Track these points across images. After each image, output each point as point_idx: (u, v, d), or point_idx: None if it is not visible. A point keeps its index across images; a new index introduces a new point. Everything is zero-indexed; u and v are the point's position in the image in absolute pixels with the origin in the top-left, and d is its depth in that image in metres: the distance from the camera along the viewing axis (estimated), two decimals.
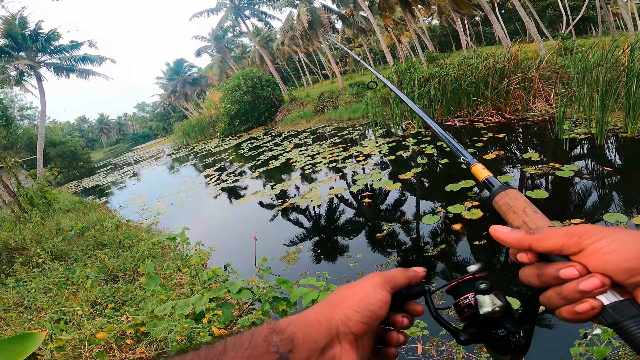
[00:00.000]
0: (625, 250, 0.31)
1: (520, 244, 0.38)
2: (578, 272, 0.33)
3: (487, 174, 0.55)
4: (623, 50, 7.03)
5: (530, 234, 0.37)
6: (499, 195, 0.48)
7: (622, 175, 4.70)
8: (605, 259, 0.32)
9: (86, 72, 21.55)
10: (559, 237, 0.35)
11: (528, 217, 0.43)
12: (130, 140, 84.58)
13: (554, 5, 37.38)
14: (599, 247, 0.32)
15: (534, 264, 0.38)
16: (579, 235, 0.34)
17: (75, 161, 28.42)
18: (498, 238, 0.40)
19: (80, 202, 10.04)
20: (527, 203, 0.45)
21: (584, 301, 0.33)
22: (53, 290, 2.42)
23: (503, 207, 0.47)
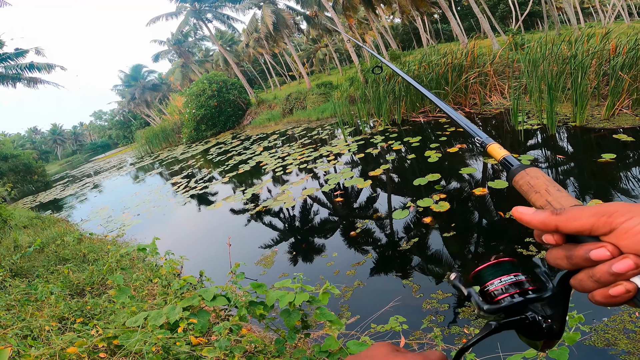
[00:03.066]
0: None
1: (546, 225, 0.36)
2: (610, 253, 0.31)
3: (504, 153, 0.52)
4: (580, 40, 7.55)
5: (556, 215, 0.35)
6: (519, 174, 0.46)
7: (574, 162, 5.06)
8: (638, 239, 0.30)
9: (34, 81, 20.19)
10: (587, 217, 0.33)
11: (551, 196, 0.41)
12: (88, 150, 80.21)
13: (504, 1, 39.54)
14: (630, 225, 0.30)
15: (561, 246, 0.36)
16: (609, 215, 0.32)
17: (30, 175, 26.51)
18: (522, 220, 0.37)
19: (37, 217, 9.42)
20: (549, 181, 0.43)
21: (618, 284, 0.31)
22: (16, 307, 2.27)
23: (524, 186, 0.45)
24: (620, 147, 4.89)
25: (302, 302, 1.33)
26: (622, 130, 5.49)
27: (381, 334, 2.25)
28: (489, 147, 0.55)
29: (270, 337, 2.39)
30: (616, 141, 5.14)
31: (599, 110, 6.51)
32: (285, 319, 1.37)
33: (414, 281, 3.17)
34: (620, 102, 6.14)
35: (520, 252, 3.15)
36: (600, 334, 2.18)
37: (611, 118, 6.08)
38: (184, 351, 1.24)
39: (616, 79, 6.03)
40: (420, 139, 7.78)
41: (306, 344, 2.10)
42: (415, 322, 2.54)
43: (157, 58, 36.38)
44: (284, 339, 1.44)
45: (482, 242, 3.68)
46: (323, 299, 1.37)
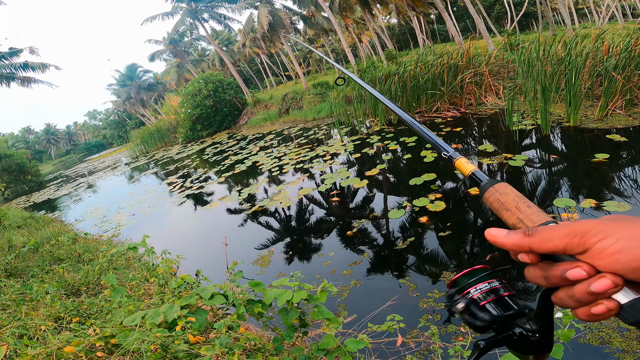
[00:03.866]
0: (634, 249, 0.29)
1: (520, 247, 0.35)
2: (586, 273, 0.31)
3: (472, 168, 0.51)
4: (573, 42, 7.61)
5: (528, 236, 0.35)
6: (489, 191, 0.45)
7: (568, 162, 5.11)
8: (613, 259, 0.30)
9: (28, 80, 20.04)
10: (560, 237, 0.33)
11: (522, 213, 0.40)
12: (82, 150, 79.54)
13: (500, 2, 39.83)
14: (604, 246, 0.30)
15: (538, 265, 0.35)
16: (582, 235, 0.31)
17: (23, 175, 26.25)
18: (495, 242, 0.37)
19: (31, 217, 9.32)
20: (519, 197, 0.42)
21: (599, 303, 0.31)
22: (11, 307, 2.25)
23: (494, 204, 0.44)
24: (613, 147, 4.95)
25: (300, 300, 1.34)
26: (615, 130, 5.55)
27: (378, 333, 2.26)
28: (457, 162, 0.55)
29: (268, 335, 2.40)
30: (609, 141, 5.19)
31: (592, 111, 6.58)
32: (283, 317, 1.37)
33: (410, 280, 3.19)
34: (613, 103, 6.20)
35: None
36: (595, 332, 2.20)
37: (604, 118, 6.15)
38: (183, 350, 1.24)
39: (609, 80, 6.10)
40: (416, 139, 7.81)
41: (304, 343, 2.10)
42: (412, 321, 2.55)
43: (152, 58, 36.15)
44: (281, 337, 1.44)
45: (478, 241, 3.70)
46: (321, 297, 1.38)
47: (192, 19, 27.32)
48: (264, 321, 1.49)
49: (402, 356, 2.23)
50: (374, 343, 2.13)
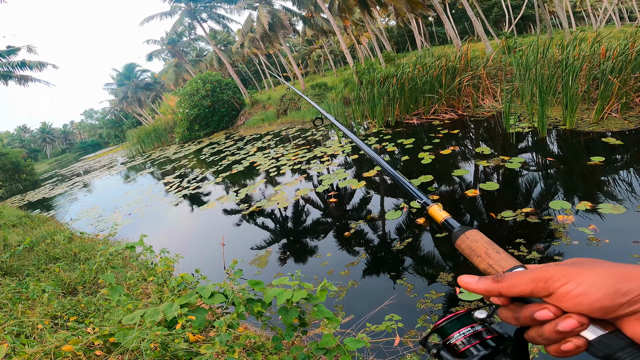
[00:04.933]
0: (595, 291, 0.32)
1: (490, 292, 0.38)
2: (553, 314, 0.34)
3: (445, 215, 0.54)
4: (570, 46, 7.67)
5: (497, 282, 0.37)
6: (460, 238, 0.48)
7: (564, 165, 5.15)
8: (576, 302, 0.32)
9: (25, 79, 19.94)
10: (526, 283, 0.35)
11: (492, 259, 0.43)
12: (78, 149, 79.08)
13: (498, 4, 40.09)
14: (567, 290, 0.33)
15: (508, 306, 0.38)
16: (546, 280, 0.34)
17: (18, 174, 26.08)
18: (467, 289, 0.40)
19: (26, 216, 9.24)
20: (488, 244, 0.45)
21: (568, 341, 0.33)
22: (8, 306, 2.23)
23: (466, 250, 0.47)
24: (609, 150, 4.99)
25: (299, 299, 1.34)
26: (610, 133, 5.60)
27: (376, 333, 2.26)
28: (430, 209, 0.57)
29: (266, 335, 2.39)
30: (605, 144, 5.24)
31: (588, 114, 6.63)
32: (283, 316, 1.37)
33: (407, 281, 3.19)
34: (609, 106, 6.26)
35: (512, 252, 3.19)
36: None
37: (600, 121, 6.20)
38: (182, 348, 1.23)
39: (605, 83, 6.15)
40: (413, 141, 7.83)
41: (302, 342, 2.10)
42: (410, 321, 2.56)
43: (150, 57, 36.06)
44: (281, 337, 1.44)
45: None
46: (321, 296, 1.38)
47: (190, 19, 27.28)
48: (263, 320, 1.48)
49: (401, 355, 2.23)
50: (372, 343, 2.13)
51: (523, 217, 3.72)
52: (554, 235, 3.32)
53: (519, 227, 3.59)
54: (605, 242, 3.07)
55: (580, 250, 3.05)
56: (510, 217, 3.80)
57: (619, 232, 3.20)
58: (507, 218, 3.79)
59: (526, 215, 3.75)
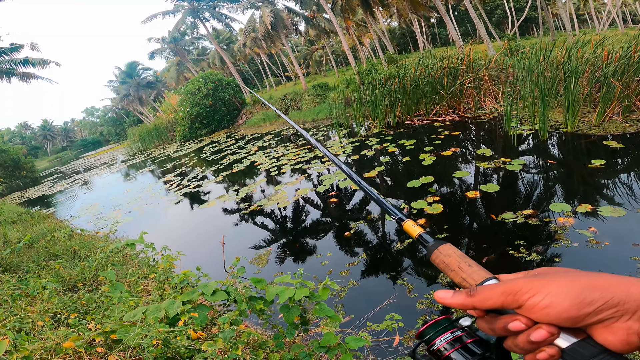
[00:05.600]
0: (561, 302, 0.33)
1: (464, 306, 0.40)
2: (524, 325, 0.35)
3: (419, 231, 0.55)
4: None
5: (471, 296, 0.39)
6: (434, 253, 0.49)
7: (564, 167, 5.15)
8: (544, 312, 0.34)
9: (27, 76, 20.00)
10: (497, 296, 0.37)
11: (465, 272, 0.45)
12: (78, 147, 79.12)
13: (501, 6, 40.10)
14: (535, 302, 0.34)
15: (484, 318, 0.40)
16: (514, 293, 0.36)
17: (18, 170, 26.07)
18: (443, 303, 0.42)
19: (27, 212, 9.24)
20: (460, 258, 0.46)
21: (541, 350, 0.34)
22: (8, 302, 2.23)
23: (440, 264, 0.48)
24: (610, 153, 4.99)
25: (302, 297, 1.33)
26: (611, 136, 5.60)
27: (376, 333, 2.26)
28: (405, 225, 0.58)
29: (267, 333, 2.39)
30: (606, 147, 5.23)
31: (590, 117, 6.63)
32: (285, 314, 1.37)
33: (408, 281, 3.19)
34: (611, 109, 6.25)
35: (512, 253, 3.19)
36: None
37: (602, 124, 6.19)
38: (184, 345, 1.23)
39: (607, 86, 6.14)
40: (414, 142, 7.84)
41: (303, 341, 2.10)
42: (410, 321, 2.56)
43: (152, 56, 36.08)
44: (282, 335, 1.44)
45: (475, 243, 3.72)
46: (323, 295, 1.38)
47: (193, 17, 27.32)
48: (265, 318, 1.48)
49: (401, 355, 2.23)
50: (372, 342, 2.13)
51: (523, 219, 3.72)
52: (553, 237, 3.32)
53: (519, 229, 3.59)
54: (605, 244, 3.07)
55: (580, 252, 3.05)
56: (510, 218, 3.80)
57: (619, 234, 3.20)
58: (507, 220, 3.79)
59: (526, 217, 3.75)
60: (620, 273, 1.69)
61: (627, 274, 2.69)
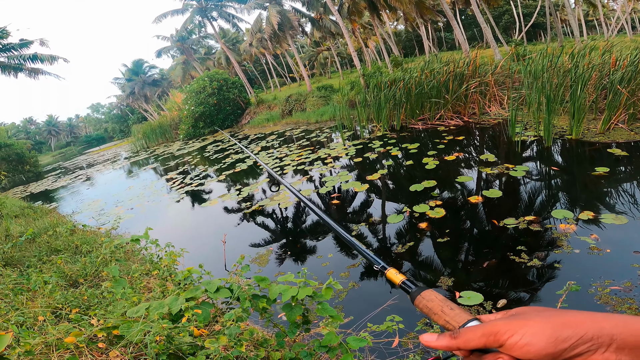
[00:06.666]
0: (537, 341, 0.36)
1: (450, 348, 0.42)
2: None
3: (402, 278, 0.58)
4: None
5: (454, 338, 0.42)
6: (417, 299, 0.52)
7: (568, 174, 5.13)
8: (524, 351, 0.36)
9: (35, 72, 20.17)
10: (478, 337, 0.40)
11: (447, 315, 0.47)
12: (82, 143, 79.58)
13: (509, 12, 40.03)
14: (514, 342, 0.37)
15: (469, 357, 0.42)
16: (494, 334, 0.38)
17: (22, 165, 26.27)
18: (429, 346, 0.44)
19: (29, 207, 9.29)
20: (442, 302, 0.49)
21: None
22: (9, 296, 2.24)
23: (424, 309, 0.51)
24: (614, 161, 4.96)
25: (304, 296, 1.34)
26: (616, 144, 5.57)
27: (376, 334, 2.26)
28: (388, 273, 0.61)
29: (268, 332, 2.39)
30: (610, 155, 5.21)
31: (595, 124, 6.60)
32: (287, 313, 1.37)
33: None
34: (616, 117, 6.23)
35: (513, 259, 3.18)
36: None
37: (607, 132, 6.17)
38: (187, 342, 1.23)
39: (614, 93, 6.12)
40: (418, 146, 7.83)
41: (304, 340, 2.10)
42: (410, 323, 2.55)
43: (159, 54, 36.34)
44: (284, 334, 1.44)
45: (476, 248, 3.71)
46: (326, 294, 1.38)
47: (201, 16, 27.52)
48: (266, 317, 1.49)
49: (400, 356, 2.23)
50: (372, 343, 2.13)
51: (525, 225, 3.71)
52: (555, 244, 3.31)
53: (520, 235, 3.58)
54: (606, 251, 3.05)
55: (581, 259, 3.04)
56: (512, 224, 3.79)
57: (620, 242, 3.19)
58: (509, 225, 3.78)
59: (528, 223, 3.73)
60: (620, 280, 1.70)
61: (627, 280, 2.66)
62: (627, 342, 0.34)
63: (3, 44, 18.82)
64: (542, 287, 2.87)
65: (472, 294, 2.84)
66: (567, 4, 18.28)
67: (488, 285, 3.01)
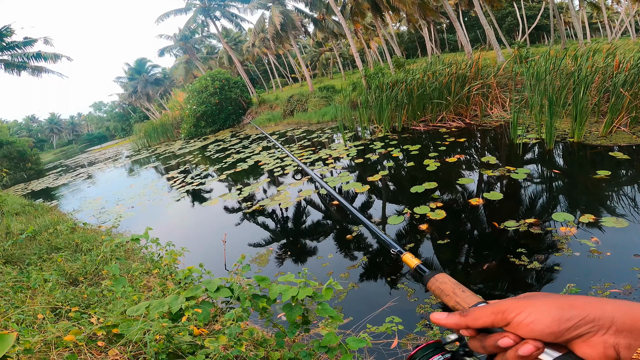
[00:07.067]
0: (543, 319, 0.37)
1: (459, 325, 0.43)
2: (513, 341, 0.39)
3: (417, 262, 0.60)
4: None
5: (464, 316, 0.43)
6: (430, 281, 0.53)
7: (569, 177, 5.12)
8: (529, 329, 0.38)
9: (39, 70, 20.22)
10: (487, 315, 0.41)
11: (459, 297, 0.49)
12: (84, 141, 79.76)
13: (512, 14, 39.97)
14: (520, 319, 0.38)
15: (476, 337, 0.43)
16: (502, 312, 0.40)
17: (23, 162, 26.34)
18: (439, 324, 0.45)
19: (30, 204, 9.32)
20: (455, 284, 0.51)
21: None
22: (9, 294, 2.24)
23: (436, 291, 0.52)
24: (615, 165, 4.95)
25: (305, 297, 1.34)
26: (617, 147, 5.56)
27: (375, 335, 2.26)
28: (404, 257, 0.63)
29: (267, 332, 2.39)
30: (612, 158, 5.20)
31: (597, 127, 6.59)
32: (287, 313, 1.37)
33: (408, 285, 3.19)
34: (618, 120, 6.21)
35: (513, 261, 3.18)
36: None
37: (608, 135, 6.16)
38: (187, 341, 1.23)
39: (617, 96, 6.10)
40: (419, 148, 7.82)
41: (303, 341, 2.10)
42: (410, 325, 2.55)
43: (162, 53, 36.40)
44: (283, 334, 1.44)
45: (476, 250, 3.70)
46: (326, 295, 1.38)
47: (204, 16, 27.59)
48: (266, 317, 1.49)
49: (400, 357, 2.22)
50: (372, 344, 2.14)
51: (526, 228, 3.70)
52: (555, 247, 3.31)
53: (521, 237, 3.58)
54: (606, 254, 3.05)
55: (581, 261, 3.03)
56: (513, 227, 3.78)
57: (620, 245, 3.18)
58: (509, 228, 3.78)
59: (529, 225, 3.73)
60: (620, 283, 1.70)
61: (627, 283, 2.66)
62: (625, 325, 0.35)
63: (7, 42, 18.90)
64: (542, 289, 2.86)
65: None
66: (571, 6, 18.24)
67: (487, 287, 3.01)
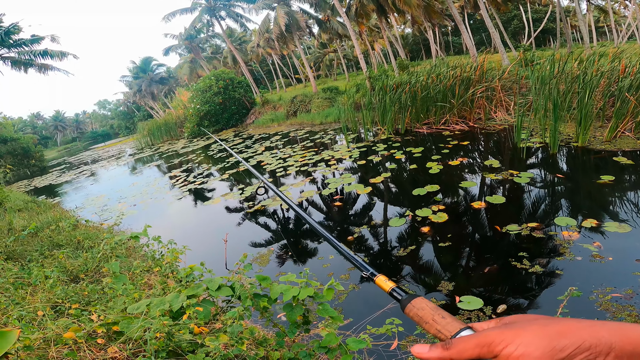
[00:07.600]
0: (532, 351, 0.35)
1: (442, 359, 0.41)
2: None
3: (391, 285, 0.57)
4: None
5: (447, 349, 0.40)
6: (407, 307, 0.51)
7: (572, 182, 5.09)
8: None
9: (45, 67, 20.41)
10: (472, 348, 0.39)
11: (439, 324, 0.46)
12: (88, 138, 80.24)
13: (518, 17, 39.84)
14: (509, 352, 0.36)
15: None
16: (488, 345, 0.37)
17: (27, 159, 26.51)
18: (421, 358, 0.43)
19: (33, 201, 9.37)
20: (434, 310, 0.48)
21: None
22: (10, 290, 2.25)
23: (414, 317, 0.50)
24: (619, 170, 4.93)
25: (306, 297, 1.34)
26: (621, 152, 5.53)
27: (375, 336, 2.26)
28: (377, 280, 0.60)
29: (267, 332, 2.40)
30: (615, 163, 5.17)
31: (601, 132, 6.55)
32: (288, 313, 1.37)
33: (409, 287, 3.18)
34: (623, 125, 6.18)
35: (515, 265, 3.17)
36: None
37: (613, 140, 6.12)
38: (187, 339, 1.24)
39: (622, 101, 6.07)
40: (422, 150, 7.81)
41: (303, 341, 2.10)
42: (409, 327, 2.54)
43: (167, 52, 36.62)
44: (283, 333, 1.45)
45: (477, 254, 3.69)
46: (327, 295, 1.38)
47: (209, 15, 27.74)
48: (267, 316, 1.49)
49: (399, 359, 2.22)
50: (372, 345, 2.14)
51: (528, 232, 3.68)
52: (557, 251, 3.29)
53: (523, 241, 3.56)
54: (608, 259, 3.03)
55: (583, 266, 3.01)
56: (515, 230, 3.76)
57: (623, 250, 3.16)
58: (511, 231, 3.76)
59: (531, 229, 3.71)
60: (621, 287, 1.69)
61: (628, 288, 2.64)
62: (625, 351, 0.33)
63: (14, 40, 19.11)
64: (543, 293, 2.85)
65: (472, 299, 2.83)
66: (578, 10, 18.18)
67: (488, 291, 3.00)
